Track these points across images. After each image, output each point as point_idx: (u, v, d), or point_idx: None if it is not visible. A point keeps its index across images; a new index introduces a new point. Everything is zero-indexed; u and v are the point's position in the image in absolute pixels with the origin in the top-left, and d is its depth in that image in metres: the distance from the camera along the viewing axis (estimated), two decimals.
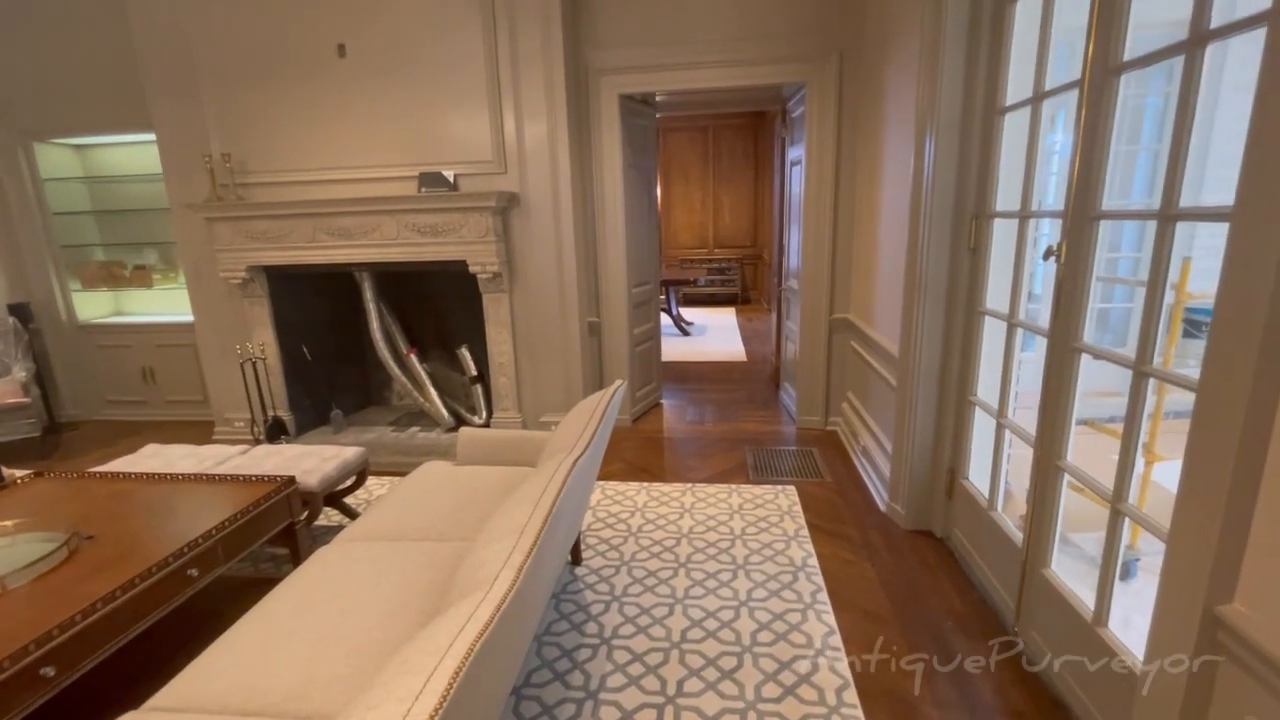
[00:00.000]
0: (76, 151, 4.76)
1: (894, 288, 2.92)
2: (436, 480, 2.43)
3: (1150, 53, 1.47)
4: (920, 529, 2.83)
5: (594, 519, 2.99)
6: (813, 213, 3.86)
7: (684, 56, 3.71)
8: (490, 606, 1.01)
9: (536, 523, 1.31)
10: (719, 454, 3.79)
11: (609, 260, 4.10)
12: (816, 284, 3.96)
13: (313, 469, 2.63)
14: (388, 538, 2.04)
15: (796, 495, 3.18)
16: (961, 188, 2.42)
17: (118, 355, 4.77)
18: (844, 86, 3.64)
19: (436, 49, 3.55)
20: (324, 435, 4.10)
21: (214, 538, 2.03)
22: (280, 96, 3.71)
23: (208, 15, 3.64)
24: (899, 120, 2.88)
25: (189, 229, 3.98)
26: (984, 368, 2.43)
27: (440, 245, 3.68)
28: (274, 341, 4.02)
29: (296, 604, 1.64)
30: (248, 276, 3.87)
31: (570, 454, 1.68)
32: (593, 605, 2.33)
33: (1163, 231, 1.42)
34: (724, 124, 9.15)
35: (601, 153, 3.93)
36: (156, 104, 3.83)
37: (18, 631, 1.52)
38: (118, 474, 2.51)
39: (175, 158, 3.89)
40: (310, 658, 1.45)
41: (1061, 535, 1.95)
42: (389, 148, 3.72)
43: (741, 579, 2.48)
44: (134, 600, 1.74)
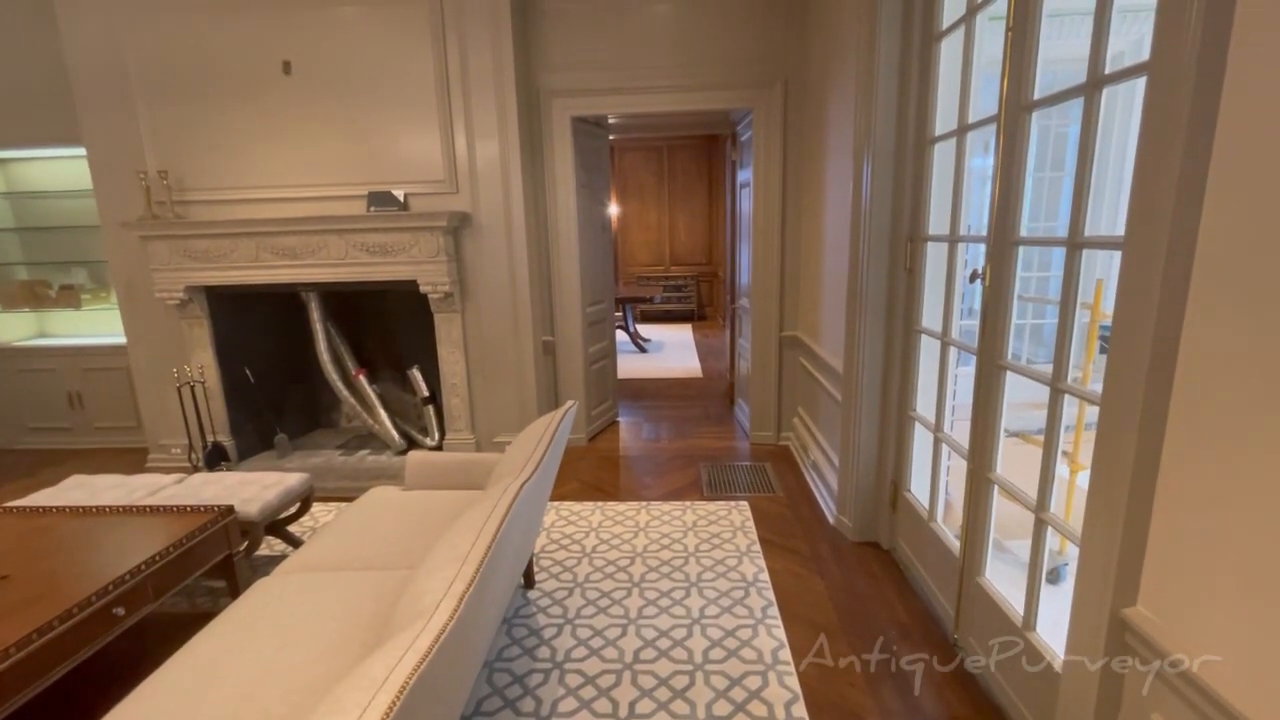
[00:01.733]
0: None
1: (838, 306, 3.02)
2: (383, 506, 2.38)
3: (1055, 93, 1.59)
4: (867, 540, 2.91)
5: (548, 540, 2.97)
6: (761, 233, 3.97)
7: (634, 81, 3.79)
8: (429, 637, 1.00)
9: (480, 550, 1.30)
10: (674, 471, 3.82)
11: (563, 279, 4.11)
12: (766, 302, 4.06)
13: (253, 497, 2.54)
14: (331, 567, 1.98)
15: (749, 510, 3.23)
16: (897, 211, 2.53)
17: (41, 380, 4.50)
18: (788, 113, 3.78)
19: (386, 68, 3.53)
20: (268, 460, 3.96)
21: (143, 573, 1.93)
22: (222, 112, 3.62)
23: (144, 27, 3.54)
24: (840, 146, 3.00)
25: (122, 247, 3.81)
26: (922, 383, 2.54)
27: (390, 265, 3.62)
28: (214, 363, 3.87)
29: (231, 641, 1.58)
30: (186, 297, 3.73)
31: (518, 478, 1.68)
32: (545, 629, 2.31)
33: (1071, 257, 1.53)
34: (678, 145, 9.32)
35: (554, 173, 3.96)
36: (87, 118, 3.68)
37: None
38: (36, 508, 2.37)
39: (107, 174, 3.74)
40: (244, 698, 1.39)
41: (996, 543, 2.04)
42: (337, 166, 3.66)
43: (694, 596, 2.49)
44: (52, 644, 1.64)
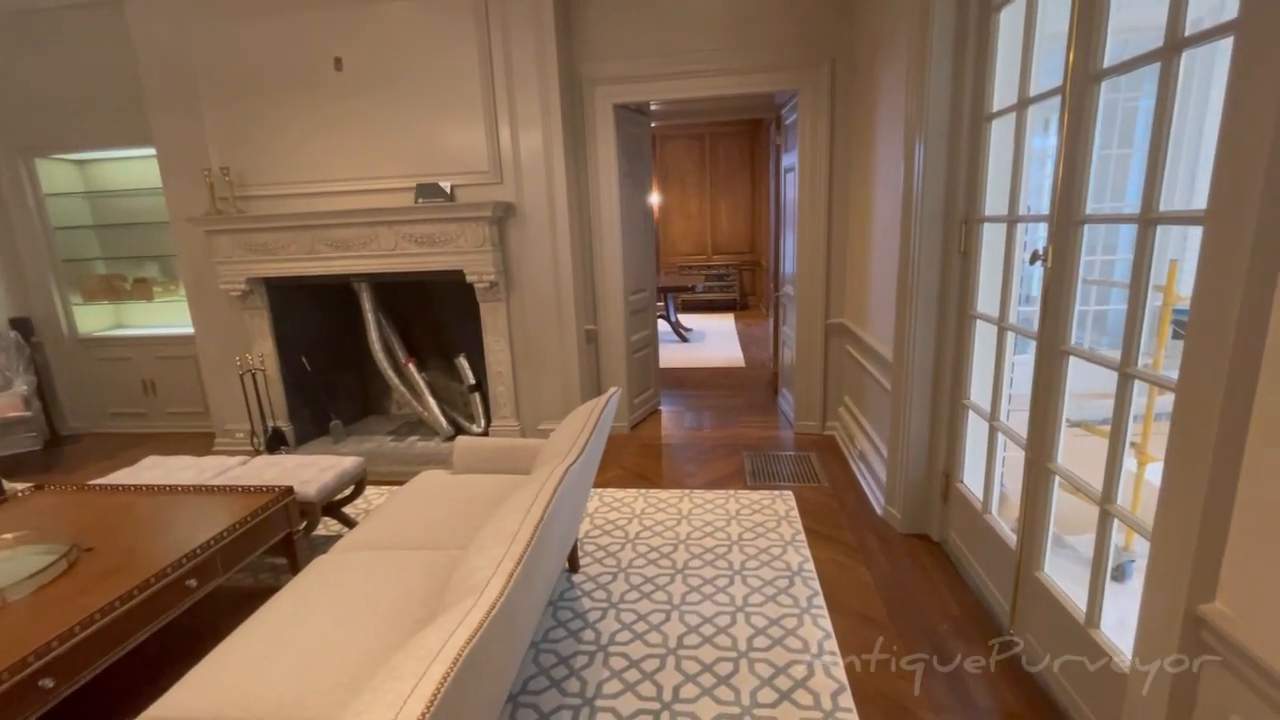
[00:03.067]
0: (78, 166, 4.81)
1: (887, 292, 2.94)
2: (433, 489, 2.45)
3: (1128, 59, 1.49)
4: (916, 532, 2.83)
5: (591, 526, 3.00)
6: (807, 219, 3.89)
7: (677, 66, 3.75)
8: (480, 613, 1.03)
9: (527, 530, 1.33)
10: (717, 460, 3.81)
11: (605, 268, 4.12)
12: (812, 289, 3.98)
13: (311, 479, 2.65)
14: (385, 547, 2.05)
15: (794, 500, 3.19)
16: (951, 192, 2.44)
17: (119, 368, 4.79)
18: (836, 94, 3.68)
19: (432, 62, 3.59)
20: (324, 445, 4.12)
21: (212, 548, 2.04)
22: (278, 109, 3.75)
23: (207, 31, 3.69)
24: (890, 126, 2.91)
25: (189, 242, 4.01)
26: (976, 371, 2.45)
27: (437, 255, 3.71)
28: (274, 352, 4.05)
29: (293, 613, 1.66)
30: (247, 288, 3.90)
31: (563, 461, 1.70)
32: (590, 612, 2.34)
33: (1143, 235, 1.44)
34: (720, 131, 9.20)
35: (597, 161, 3.96)
36: (156, 119, 3.87)
37: (17, 643, 1.54)
38: (118, 486, 2.53)
39: (175, 171, 3.94)
40: (306, 666, 1.46)
41: (1056, 537, 1.96)
42: (386, 159, 3.75)
43: (738, 584, 2.48)
44: (132, 611, 1.76)
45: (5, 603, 1.71)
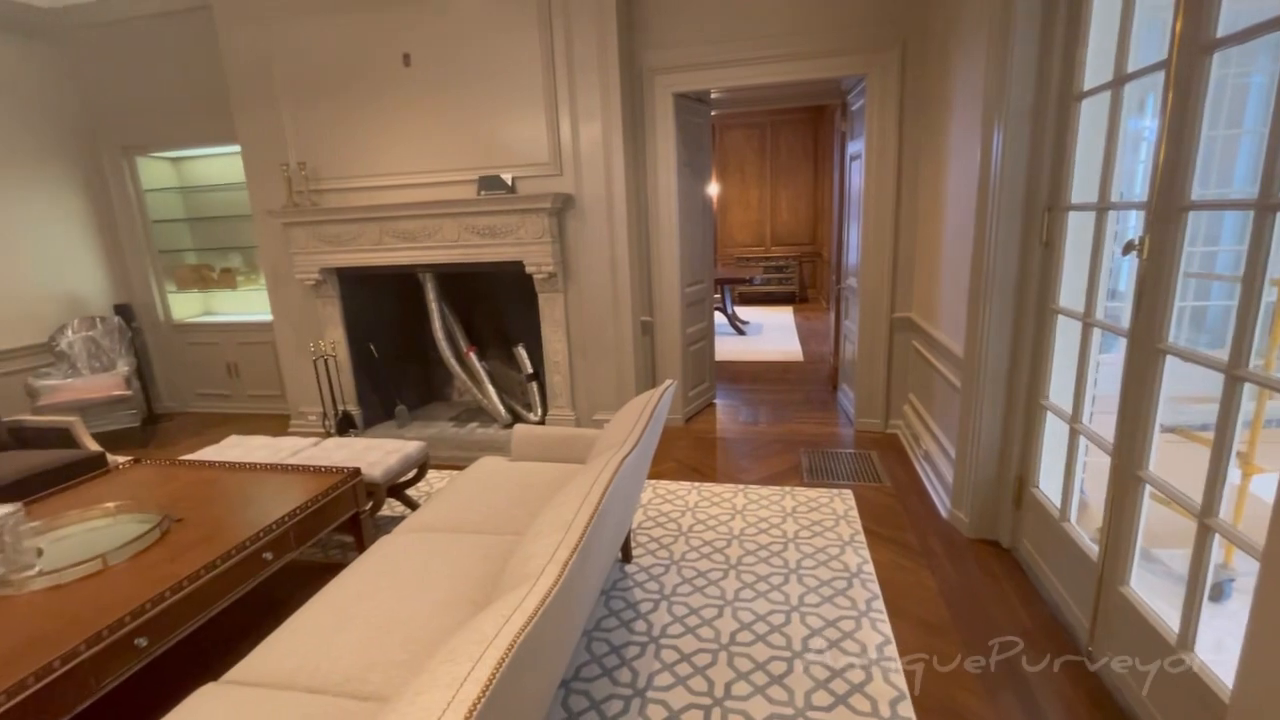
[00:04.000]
0: (173, 163, 5.16)
1: (958, 285, 2.80)
2: (492, 475, 2.50)
3: (1248, 27, 1.35)
4: (984, 538, 2.69)
5: (644, 517, 3.00)
6: (873, 208, 3.75)
7: (740, 52, 3.67)
8: (535, 599, 1.03)
9: (583, 519, 1.33)
10: (773, 455, 3.73)
11: (662, 259, 4.10)
12: (876, 281, 3.84)
13: (377, 461, 2.76)
14: (445, 529, 2.11)
15: (853, 499, 3.09)
16: (1033, 179, 2.29)
17: (206, 352, 5.14)
18: (906, 78, 3.51)
19: (496, 56, 3.64)
20: (389, 429, 4.29)
21: (287, 524, 2.15)
22: (351, 106, 3.90)
23: (286, 34, 3.87)
24: (965, 110, 2.75)
25: (269, 234, 4.24)
26: (1057, 370, 2.30)
27: (498, 246, 3.77)
28: (344, 339, 4.23)
29: (359, 590, 1.73)
30: (321, 278, 4.09)
31: (619, 451, 1.69)
32: (642, 603, 2.34)
33: (1261, 222, 1.30)
34: (782, 119, 8.98)
35: (656, 152, 3.93)
36: (240, 118, 4.10)
37: (116, 604, 1.67)
38: (204, 462, 2.71)
39: (257, 167, 4.16)
40: (370, 642, 1.52)
41: (1143, 550, 1.82)
42: (451, 152, 3.84)
43: (794, 583, 2.43)
44: (216, 580, 1.87)
45: (107, 566, 1.86)
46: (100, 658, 1.56)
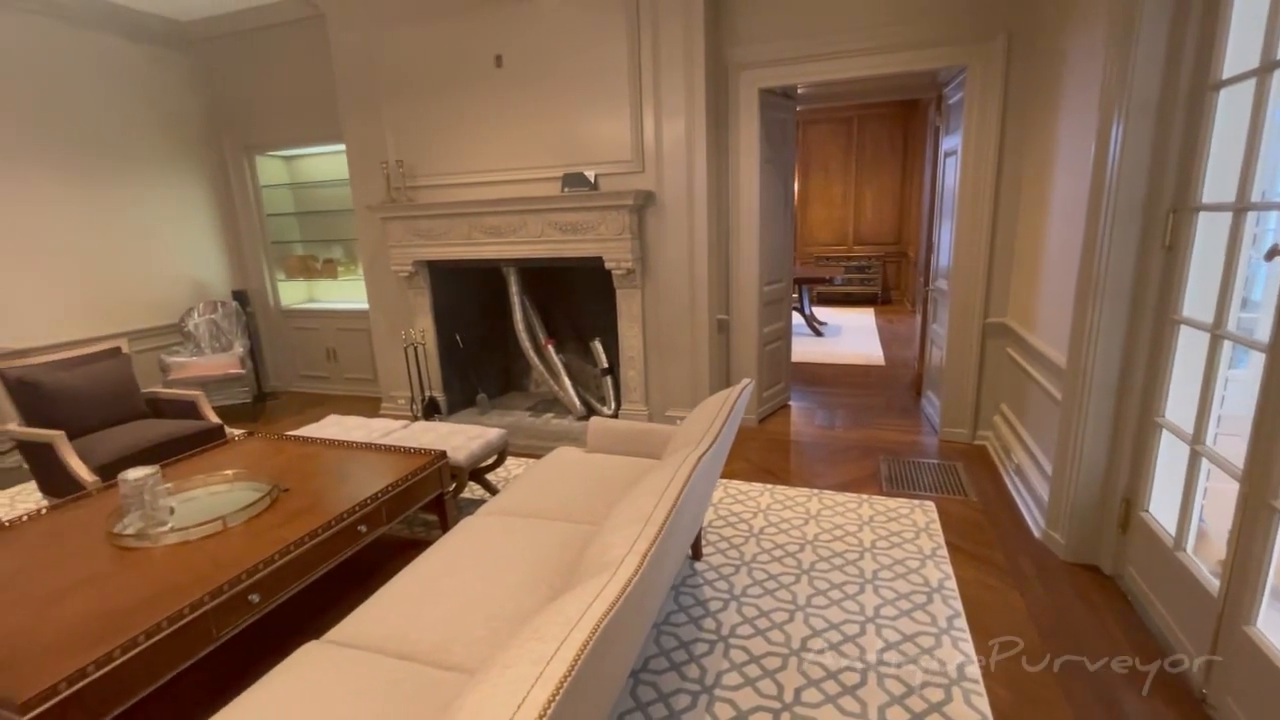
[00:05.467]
0: (285, 161, 5.59)
1: (1063, 290, 2.61)
2: (569, 465, 2.57)
3: None
4: (1083, 562, 2.51)
5: (715, 516, 2.99)
6: (968, 207, 3.55)
7: (829, 45, 3.57)
8: (616, 587, 1.06)
9: (661, 512, 1.34)
10: (850, 461, 3.63)
11: (741, 257, 4.06)
12: (969, 284, 3.64)
13: (461, 445, 2.89)
14: (524, 514, 2.19)
15: (935, 512, 2.96)
16: (1156, 177, 2.10)
17: (309, 337, 5.54)
18: (1011, 68, 3.30)
19: (583, 55, 3.72)
20: (470, 416, 4.48)
21: (380, 500, 2.30)
22: (445, 106, 4.09)
23: (390, 38, 4.11)
24: (1079, 102, 2.56)
25: (368, 227, 4.52)
26: (1176, 384, 2.11)
27: (579, 242, 3.86)
28: (432, 329, 4.45)
29: (444, 567, 1.82)
30: (413, 270, 4.32)
31: (696, 448, 1.70)
32: (711, 602, 2.34)
33: None
34: (870, 114, 8.66)
35: (738, 148, 3.89)
36: (347, 118, 4.39)
37: (234, 562, 1.84)
38: (307, 438, 2.93)
39: (359, 165, 4.44)
40: (454, 616, 1.60)
41: (1275, 589, 1.64)
42: (537, 150, 3.96)
43: (869, 594, 2.35)
44: (317, 547, 2.03)
45: (226, 527, 2.05)
46: (220, 609, 1.72)
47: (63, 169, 4.32)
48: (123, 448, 2.98)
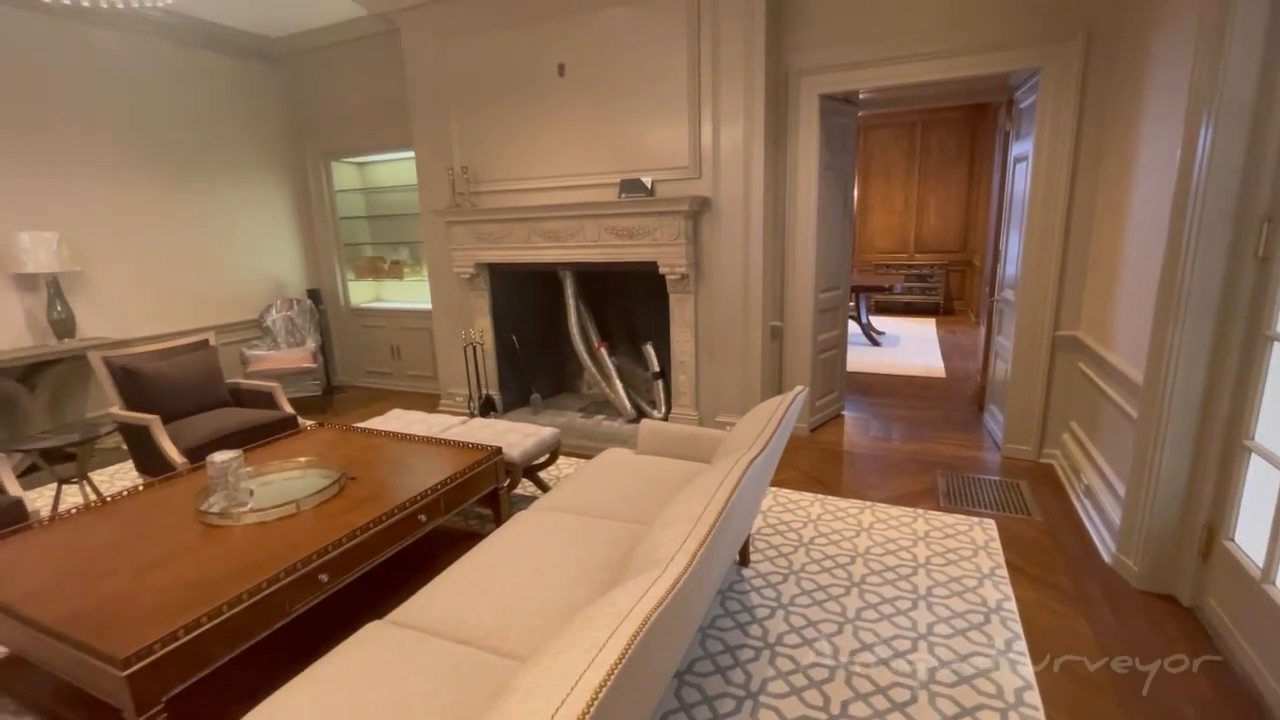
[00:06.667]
0: (358, 168, 5.89)
1: (1142, 302, 2.48)
2: (619, 466, 2.61)
3: None
4: (1158, 591, 2.37)
5: (764, 524, 2.97)
6: (1039, 215, 3.41)
7: (893, 50, 3.50)
8: (666, 583, 1.08)
9: (711, 514, 1.36)
10: (905, 475, 3.53)
11: (797, 264, 4.02)
12: (1038, 295, 3.49)
13: (515, 443, 2.98)
14: (575, 511, 2.25)
15: (995, 530, 2.85)
16: (1249, 184, 1.98)
17: (375, 334, 5.81)
18: (1089, 70, 3.16)
19: (643, 63, 3.77)
20: (524, 415, 4.59)
21: (439, 491, 2.40)
22: (508, 114, 4.23)
23: (456, 48, 4.28)
24: (1163, 104, 2.43)
25: (433, 231, 4.71)
26: (1269, 405, 1.97)
27: (635, 247, 3.91)
28: (491, 329, 4.60)
29: (499, 558, 1.89)
30: (475, 272, 4.48)
31: (747, 452, 1.71)
32: (758, 608, 2.33)
33: None
34: (934, 118, 8.40)
35: (797, 154, 3.86)
36: (416, 126, 4.59)
37: (306, 543, 1.96)
38: (373, 430, 3.08)
39: (427, 170, 4.64)
40: (507, 605, 1.66)
41: None
42: (595, 157, 4.04)
43: (922, 610, 2.29)
44: (381, 533, 2.14)
45: (299, 510, 2.19)
46: (293, 586, 1.84)
47: (161, 174, 4.70)
48: (208, 433, 3.21)
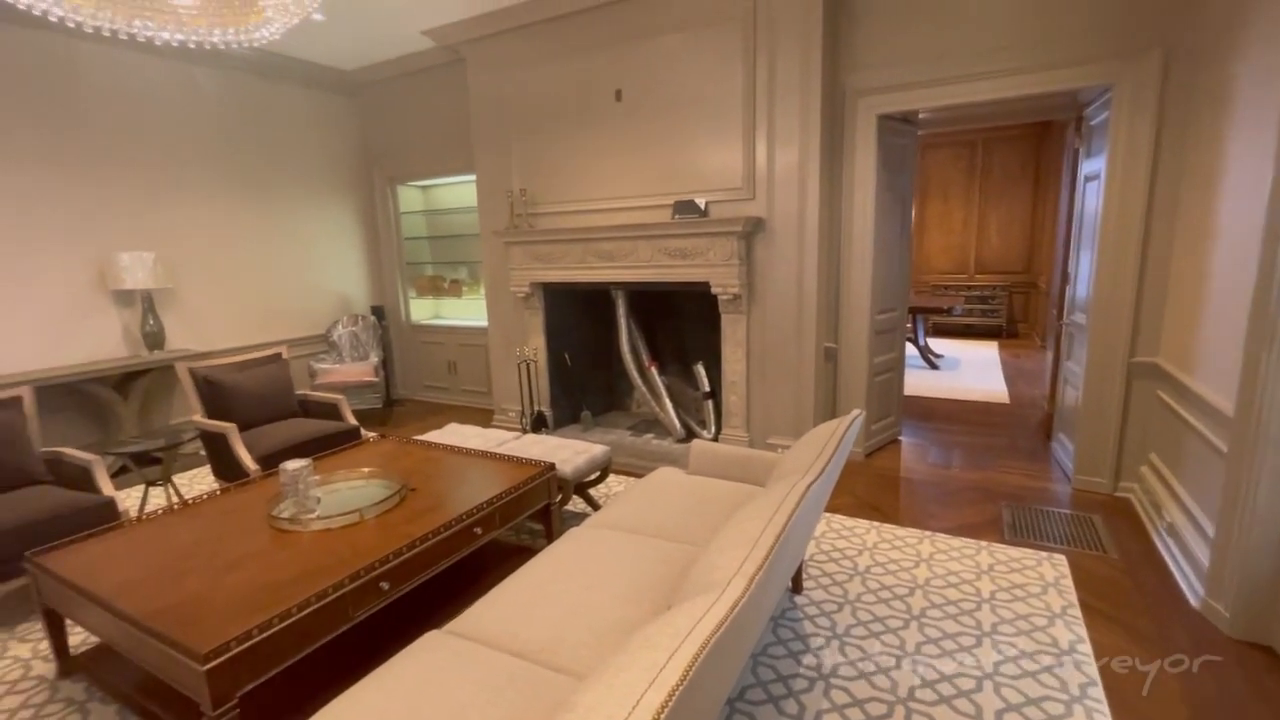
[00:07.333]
0: (421, 191, 6.16)
1: (1231, 328, 2.33)
2: (671, 485, 2.61)
3: None
4: (1253, 640, 2.18)
5: (817, 550, 2.90)
6: (1112, 234, 3.26)
7: (954, 69, 3.44)
8: (724, 606, 1.08)
9: (769, 537, 1.35)
10: (966, 504, 3.39)
11: (853, 285, 3.96)
12: (1113, 319, 3.32)
13: (567, 459, 3.02)
14: (627, 530, 2.25)
15: (1067, 566, 2.70)
16: None
17: (433, 350, 6.01)
18: (1168, 85, 3.02)
19: (699, 87, 3.83)
20: (574, 431, 4.64)
21: (494, 505, 2.45)
22: (567, 138, 4.35)
23: (521, 77, 4.45)
24: (1252, 117, 2.30)
25: (492, 251, 4.87)
26: None
27: (687, 267, 3.93)
28: (544, 347, 4.69)
29: (553, 573, 1.91)
30: (530, 291, 4.59)
31: (804, 477, 1.68)
32: (811, 637, 2.27)
33: None
34: (997, 136, 8.17)
35: (854, 175, 3.83)
36: (479, 152, 4.78)
37: (369, 550, 2.04)
38: (431, 443, 3.18)
39: (487, 193, 4.81)
40: (561, 621, 1.67)
41: None
42: (649, 179, 4.10)
43: (987, 649, 2.18)
44: (440, 544, 2.20)
45: (362, 519, 2.27)
46: (356, 592, 1.91)
47: (243, 198, 5.03)
48: (279, 442, 3.38)
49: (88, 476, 2.84)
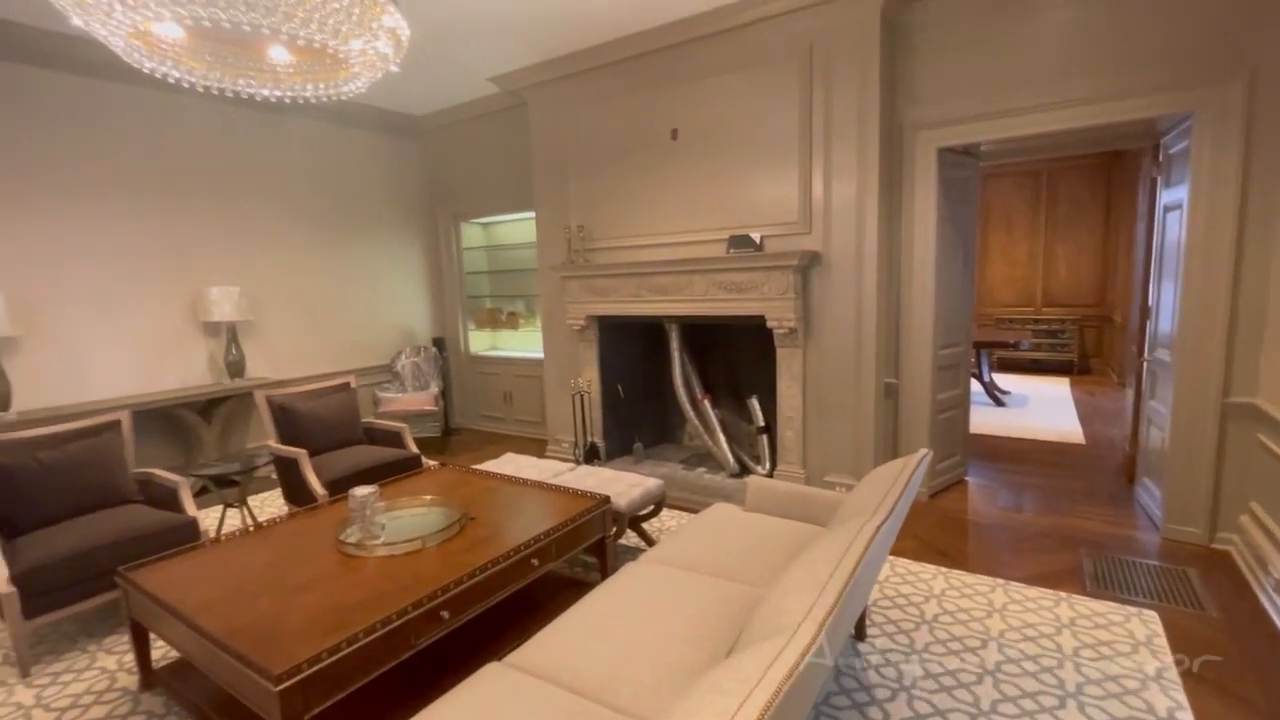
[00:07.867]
0: (483, 227, 6.41)
1: None
2: (727, 522, 2.57)
3: None
4: None
5: (881, 596, 2.78)
6: (1198, 266, 3.08)
7: (1018, 101, 3.37)
8: (795, 653, 1.04)
9: (838, 581, 1.30)
10: (1042, 551, 3.19)
11: (914, 319, 3.86)
12: (1202, 356, 3.11)
13: (623, 492, 3.01)
14: (684, 567, 2.22)
15: (1159, 624, 2.49)
16: None
17: (490, 380, 6.16)
18: (1255, 113, 2.87)
19: (755, 124, 3.87)
20: (626, 463, 4.64)
21: (551, 537, 2.46)
22: (624, 176, 4.46)
23: (577, 118, 4.62)
24: None
25: (549, 285, 4.99)
26: None
27: (742, 301, 3.93)
28: (598, 379, 4.74)
29: (611, 608, 1.90)
30: (585, 324, 4.67)
31: (872, 518, 1.63)
32: (876, 688, 2.16)
33: None
34: (1063, 166, 7.90)
35: (914, 208, 3.77)
36: (539, 190, 4.95)
37: (430, 578, 2.07)
38: (489, 472, 3.24)
39: (546, 229, 4.96)
40: (620, 658, 1.65)
41: None
42: (704, 214, 4.15)
43: (1072, 710, 2.03)
44: (498, 574, 2.22)
45: (424, 546, 2.32)
46: (418, 620, 1.94)
47: (318, 236, 5.36)
48: (346, 468, 3.51)
49: (174, 497, 3.01)
